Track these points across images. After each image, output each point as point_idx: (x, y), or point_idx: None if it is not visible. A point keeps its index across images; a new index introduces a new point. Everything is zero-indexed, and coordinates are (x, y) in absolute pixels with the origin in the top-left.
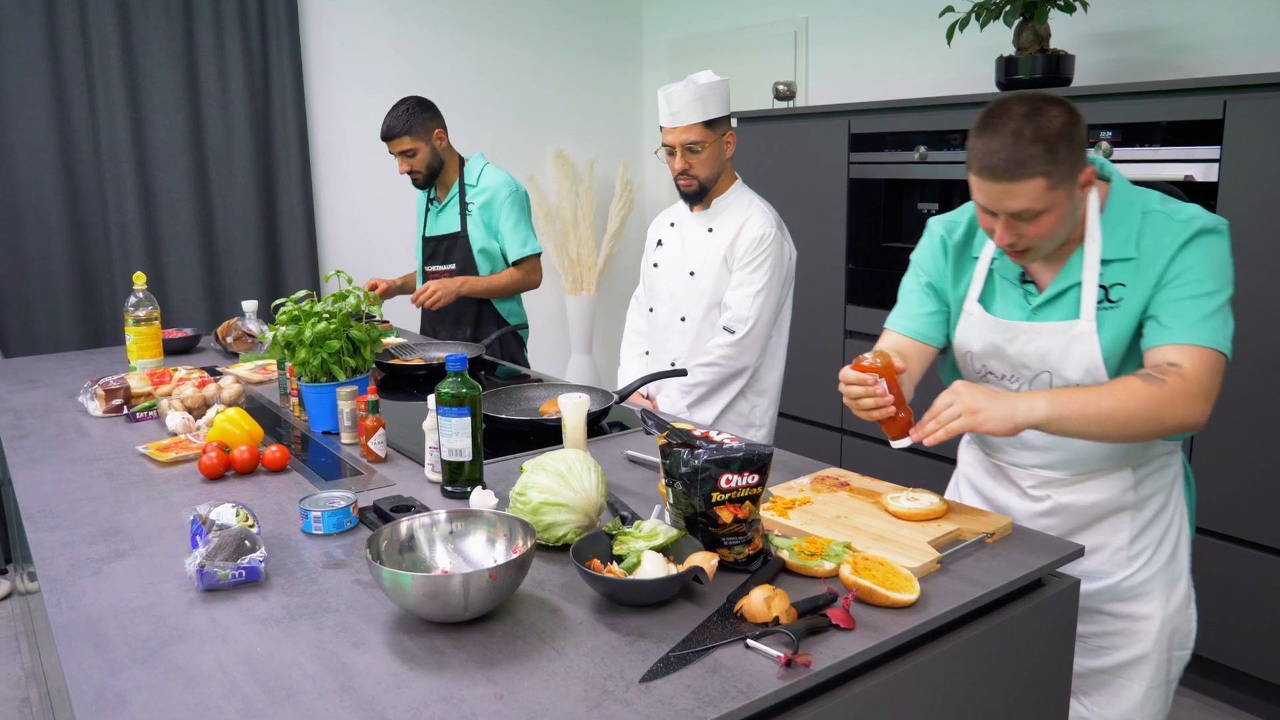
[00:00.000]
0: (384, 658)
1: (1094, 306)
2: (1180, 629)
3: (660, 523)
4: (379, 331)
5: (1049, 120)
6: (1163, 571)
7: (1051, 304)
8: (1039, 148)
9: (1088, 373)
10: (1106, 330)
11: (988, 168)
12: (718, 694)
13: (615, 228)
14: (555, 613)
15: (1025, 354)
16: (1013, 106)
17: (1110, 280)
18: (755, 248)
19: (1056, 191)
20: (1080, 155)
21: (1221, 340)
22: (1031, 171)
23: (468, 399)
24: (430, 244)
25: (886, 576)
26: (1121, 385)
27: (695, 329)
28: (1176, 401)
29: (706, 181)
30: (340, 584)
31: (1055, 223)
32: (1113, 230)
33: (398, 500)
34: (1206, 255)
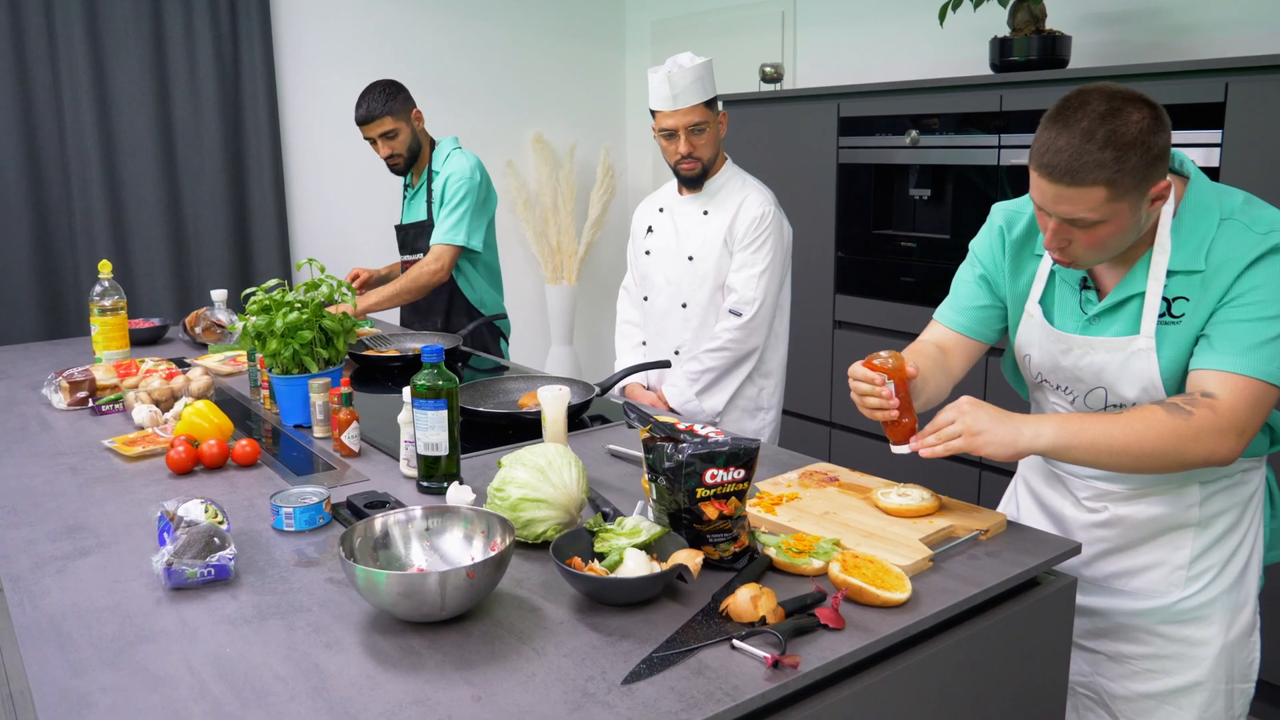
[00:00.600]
0: (357, 659)
1: (1154, 322)
2: (1241, 659)
3: (643, 519)
4: (352, 322)
5: (1126, 123)
6: (1226, 595)
7: (1110, 314)
8: (1109, 154)
9: (1145, 391)
10: (1167, 348)
11: (1046, 166)
12: (702, 696)
13: (597, 214)
14: (534, 612)
15: (1079, 368)
16: (1091, 101)
17: (1174, 293)
18: (755, 227)
19: (1119, 204)
20: (1156, 166)
21: (1268, 371)
22: (1094, 179)
23: (444, 391)
24: (402, 233)
25: (877, 575)
26: (1142, 415)
27: (700, 315)
28: (1202, 438)
29: (709, 163)
30: (312, 582)
31: (1112, 235)
32: (1185, 239)
33: (372, 496)
34: (1273, 280)
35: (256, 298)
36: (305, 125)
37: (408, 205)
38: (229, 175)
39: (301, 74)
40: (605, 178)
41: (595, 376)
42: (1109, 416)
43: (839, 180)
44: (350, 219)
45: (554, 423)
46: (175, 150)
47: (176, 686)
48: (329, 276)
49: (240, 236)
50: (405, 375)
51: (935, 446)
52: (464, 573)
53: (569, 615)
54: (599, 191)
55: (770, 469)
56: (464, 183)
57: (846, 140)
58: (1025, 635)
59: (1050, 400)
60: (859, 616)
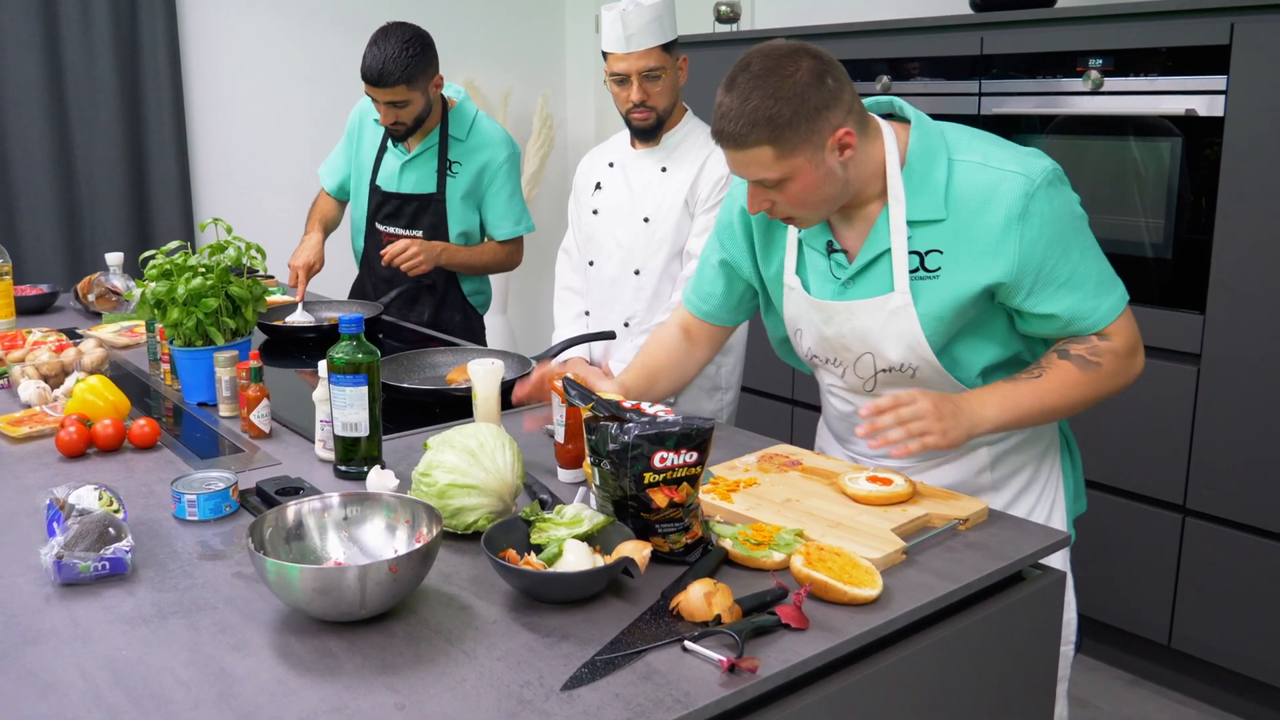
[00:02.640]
0: (268, 662)
1: (906, 276)
2: None
3: (585, 507)
4: (263, 288)
5: (782, 79)
6: None
7: (862, 276)
8: (763, 113)
9: (910, 350)
10: (925, 302)
11: (718, 133)
12: (650, 703)
13: (534, 169)
14: (464, 611)
15: (843, 335)
16: (752, 62)
17: (924, 245)
18: (721, 187)
19: (794, 159)
20: (821, 116)
21: (1121, 294)
22: (754, 139)
23: (364, 366)
24: (389, 200)
25: (844, 569)
26: (1060, 376)
27: (654, 283)
28: (1117, 375)
29: (664, 113)
30: (218, 578)
31: (808, 190)
32: (918, 186)
33: (284, 482)
34: (1053, 220)
35: (156, 261)
36: (210, 69)
37: (398, 169)
38: (125, 125)
39: (205, 11)
40: (543, 129)
41: (531, 349)
42: (1031, 382)
43: None
44: (262, 174)
45: (486, 400)
46: (66, 99)
47: (67, 693)
48: (236, 238)
49: (138, 194)
50: (321, 347)
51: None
52: (386, 567)
53: (503, 614)
54: (536, 144)
55: (726, 451)
56: (516, 163)
57: None
58: (1009, 636)
59: (825, 378)
60: (824, 615)
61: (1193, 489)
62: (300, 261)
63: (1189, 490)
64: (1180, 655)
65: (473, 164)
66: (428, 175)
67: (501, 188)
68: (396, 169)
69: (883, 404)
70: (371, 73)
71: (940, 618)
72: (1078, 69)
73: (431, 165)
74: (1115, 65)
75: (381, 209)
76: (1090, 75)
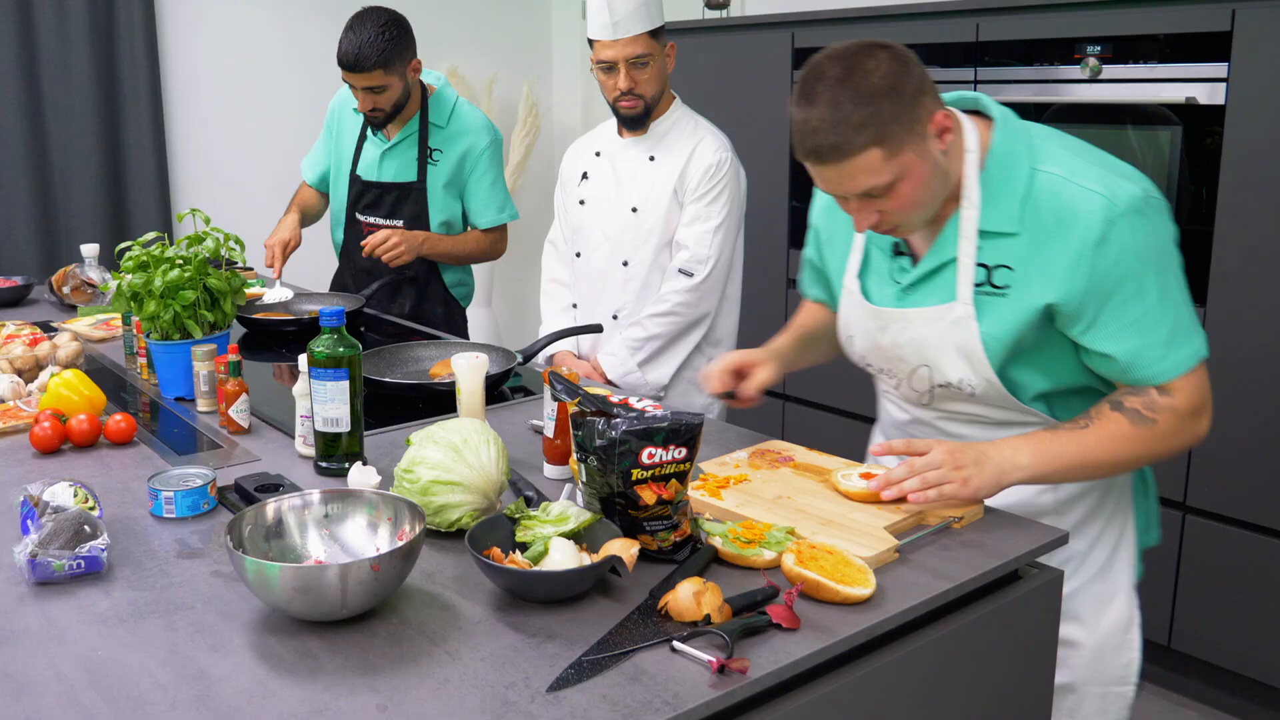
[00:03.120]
0: (247, 663)
1: (970, 286)
2: (1116, 660)
3: (571, 505)
4: (241, 280)
5: (866, 76)
6: (1089, 589)
7: (925, 282)
8: (862, 112)
9: (970, 366)
10: (989, 320)
11: (811, 151)
12: (639, 705)
13: (519, 158)
14: (448, 610)
15: (899, 345)
16: (825, 69)
17: (993, 259)
18: (711, 176)
19: (902, 156)
20: (918, 102)
21: (1195, 349)
22: (861, 143)
23: (345, 360)
24: (370, 190)
25: (836, 568)
26: (1109, 429)
27: (643, 275)
28: (1172, 436)
29: (652, 101)
30: (196, 576)
31: (917, 188)
32: (995, 194)
33: (263, 478)
34: (1132, 253)
35: (132, 253)
36: (188, 56)
37: (378, 158)
38: (100, 113)
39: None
40: (528, 117)
41: (517, 343)
42: (1076, 433)
43: None
44: (241, 164)
45: (470, 395)
46: (39, 84)
47: (41, 694)
48: (215, 229)
49: (114, 184)
50: (301, 341)
51: (924, 491)
52: (368, 565)
53: (487, 614)
54: (521, 133)
55: (716, 447)
56: (498, 150)
57: None
58: (1005, 636)
59: (881, 384)
60: (816, 615)
61: (1193, 485)
62: (276, 240)
63: (1189, 487)
64: (1180, 656)
65: (454, 151)
66: (408, 163)
67: (484, 175)
68: (376, 158)
69: (896, 446)
70: (348, 58)
71: (934, 617)
72: (1075, 56)
73: (412, 153)
74: (1114, 52)
75: (361, 199)
76: (1088, 62)
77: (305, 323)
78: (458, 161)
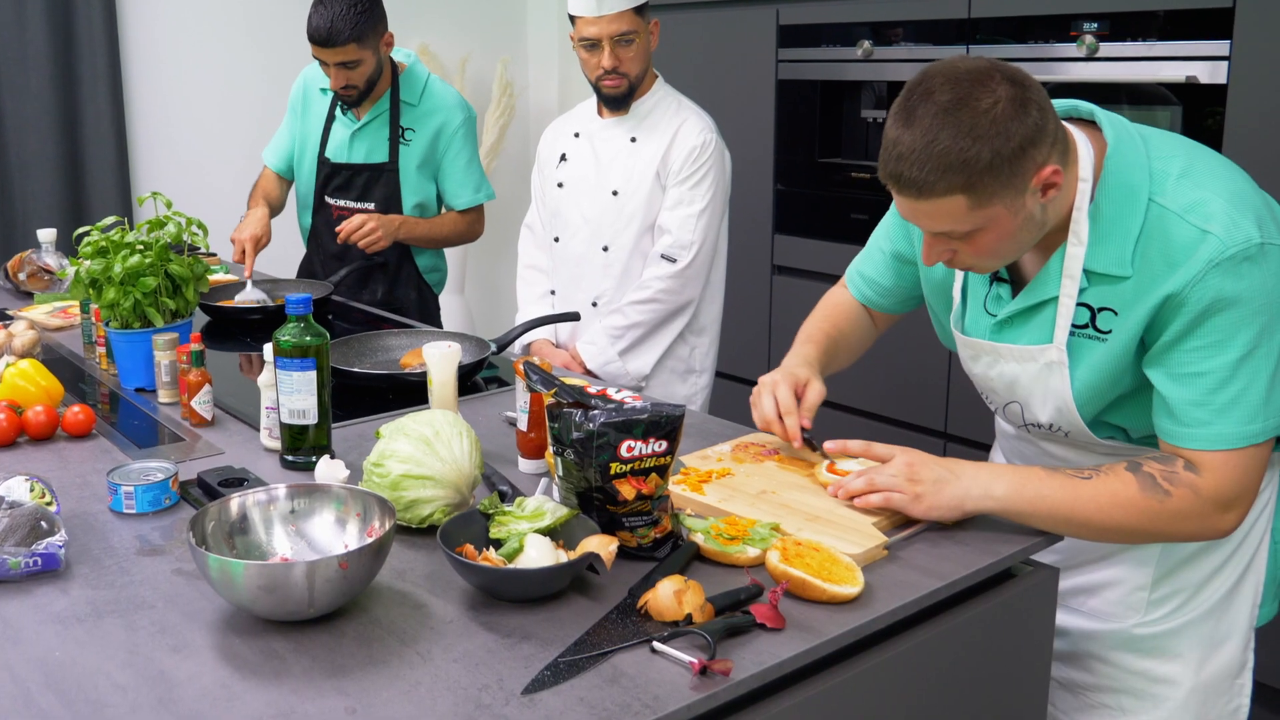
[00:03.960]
0: (210, 664)
1: (1067, 329)
2: (1219, 705)
3: (547, 500)
4: (205, 267)
5: (975, 113)
6: (1198, 626)
7: (1021, 318)
8: (955, 156)
9: (1059, 413)
10: (1084, 365)
11: (892, 176)
12: (617, 708)
13: (494, 139)
14: (419, 609)
15: (990, 377)
16: (935, 89)
17: (1099, 301)
18: (695, 158)
19: (990, 209)
20: (1026, 155)
21: (1253, 431)
22: (945, 188)
23: (312, 349)
24: (340, 171)
25: (823, 565)
26: (1111, 485)
27: (624, 260)
28: (1182, 521)
29: (636, 81)
30: (157, 574)
31: (999, 240)
32: (1106, 230)
33: (227, 472)
34: (1227, 301)
35: (91, 238)
36: (149, 33)
37: (349, 139)
38: (57, 92)
39: None
40: (503, 97)
41: (491, 331)
42: (1073, 480)
43: (778, 99)
44: (204, 146)
45: (442, 386)
46: None
47: None
48: (177, 213)
49: (71, 166)
50: (267, 330)
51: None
52: (336, 563)
53: (460, 613)
54: (496, 113)
55: (698, 440)
56: (472, 127)
57: (787, 53)
58: (998, 636)
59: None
60: (802, 614)
61: None
62: (246, 234)
63: None
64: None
65: (426, 130)
66: (379, 144)
67: (459, 154)
68: (346, 139)
69: (852, 447)
70: (320, 33)
71: (925, 617)
72: (1071, 33)
73: (383, 133)
74: (1111, 29)
75: (331, 181)
76: (1084, 40)
77: (271, 311)
78: (431, 140)
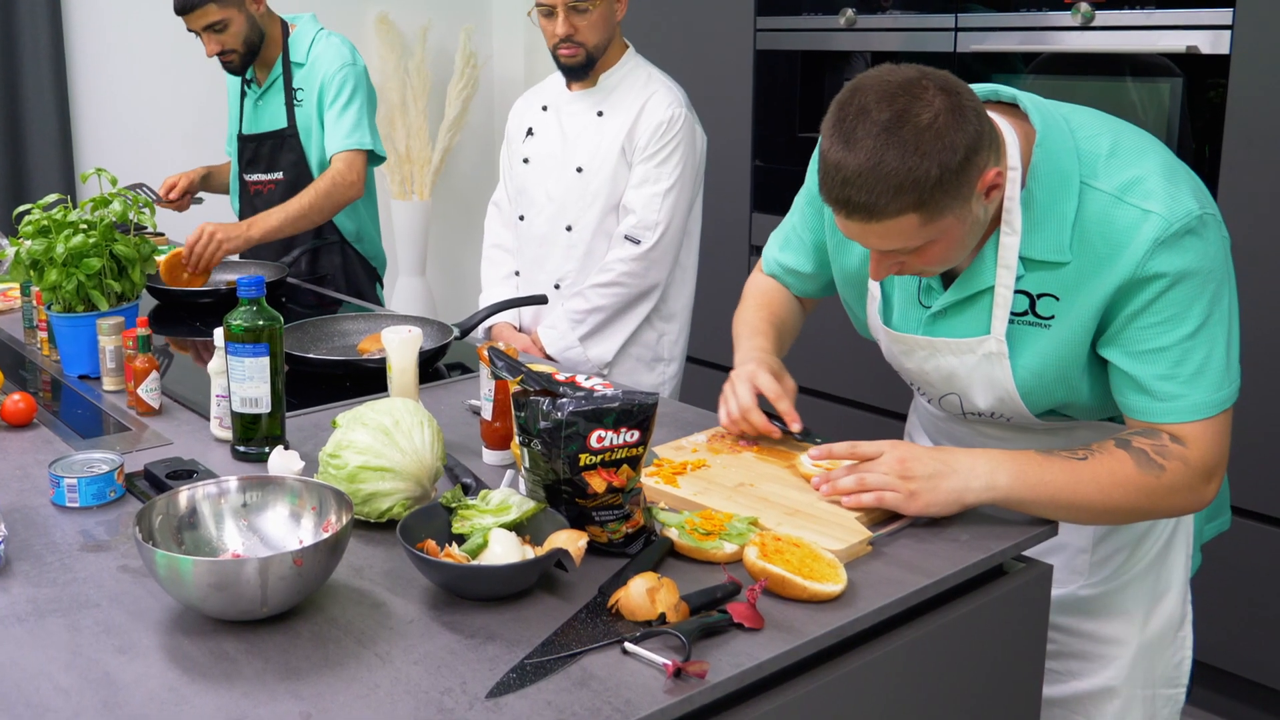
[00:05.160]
0: (158, 667)
1: (1005, 320)
2: (1165, 659)
3: (513, 493)
4: (152, 247)
5: (917, 129)
6: (1139, 583)
7: (955, 310)
8: (905, 175)
9: (1000, 401)
10: (1027, 353)
11: (839, 202)
12: (586, 712)
13: (455, 113)
14: (378, 609)
15: (925, 372)
16: (870, 107)
17: (1038, 288)
18: (662, 134)
19: (940, 221)
20: (970, 163)
21: (1223, 395)
22: (897, 208)
23: (265, 333)
24: (248, 144)
25: (803, 562)
26: (1110, 466)
27: (587, 241)
28: (1176, 494)
29: (595, 50)
30: (102, 572)
31: (949, 249)
32: (1040, 219)
33: (175, 464)
34: (1181, 275)
35: (32, 217)
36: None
37: (253, 109)
38: None
39: None
40: (466, 68)
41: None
42: (1071, 462)
43: (757, 71)
44: (150, 121)
45: (402, 373)
46: None
47: None
48: (123, 191)
49: (11, 142)
50: (218, 314)
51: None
52: (290, 559)
53: (421, 612)
54: (458, 85)
55: (672, 430)
56: (350, 74)
57: (766, 21)
58: (988, 637)
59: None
60: (781, 613)
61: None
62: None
63: None
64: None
65: (313, 87)
66: (278, 110)
67: (333, 102)
68: (251, 109)
69: (837, 450)
70: (177, 3)
71: (911, 616)
72: (1065, 1)
73: (280, 98)
74: None
75: (244, 156)
76: (1080, 8)
77: (222, 294)
78: (319, 98)
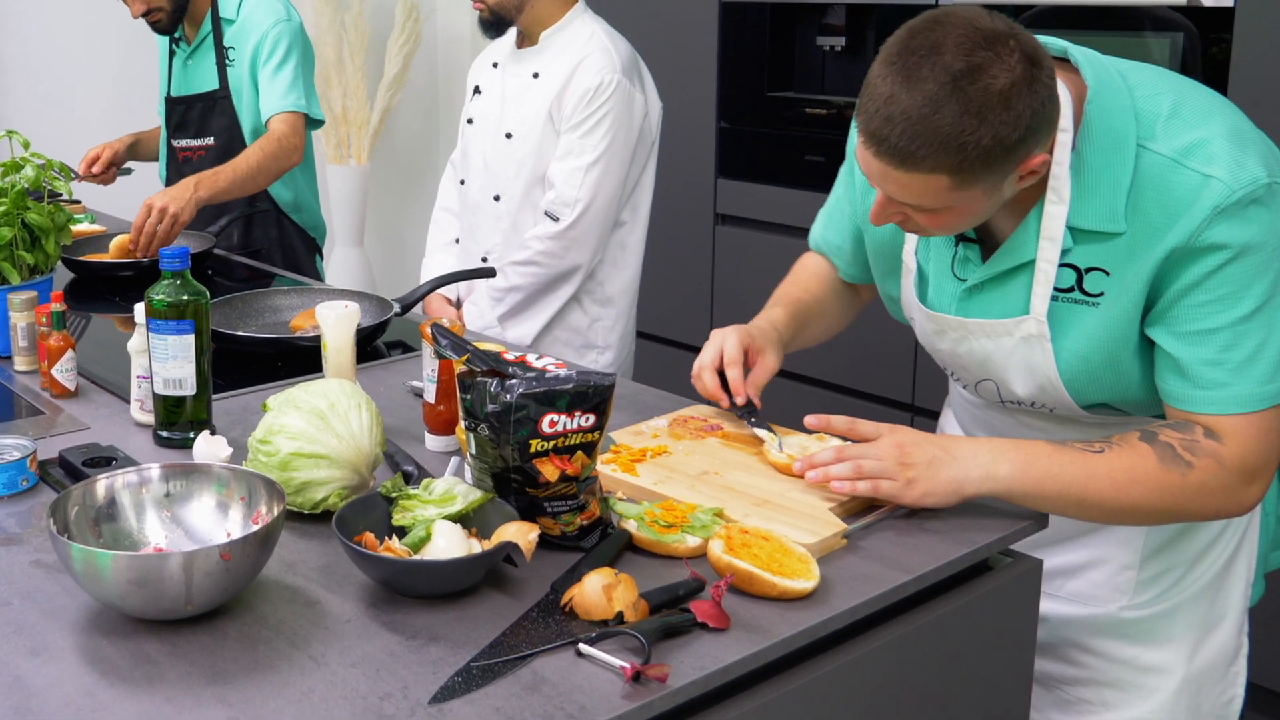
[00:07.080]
0: (73, 669)
1: (1046, 299)
2: (1214, 696)
3: (458, 481)
4: (67, 216)
5: (986, 90)
6: (1191, 607)
7: (992, 285)
8: (955, 136)
9: (1041, 390)
10: (1071, 335)
11: (874, 136)
12: (538, 718)
13: (396, 71)
14: (312, 607)
15: (959, 355)
16: (945, 48)
17: (1087, 261)
18: (589, 102)
19: (968, 191)
20: (1025, 143)
21: (1277, 386)
22: (932, 165)
23: (190, 309)
24: (177, 107)
25: (772, 557)
26: (1128, 460)
27: (513, 214)
28: (1206, 495)
29: (508, 7)
30: (12, 567)
31: (960, 219)
32: (1091, 185)
33: (93, 450)
34: (1236, 249)
35: None
36: None
37: (182, 69)
38: None
39: None
40: (407, 22)
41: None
42: (1084, 455)
43: (722, 24)
44: (69, 79)
45: (338, 352)
46: None
47: None
48: (35, 155)
49: None
50: (139, 288)
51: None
52: (217, 553)
53: (358, 611)
54: (399, 40)
55: (630, 413)
56: (286, 31)
57: None
58: (973, 637)
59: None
60: (748, 612)
61: None
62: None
63: None
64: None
65: (245, 46)
66: (209, 70)
67: (267, 61)
68: (180, 69)
69: (836, 423)
70: None
71: (889, 615)
72: None
73: (210, 57)
74: None
75: (171, 120)
76: None
77: (143, 266)
78: (252, 57)
